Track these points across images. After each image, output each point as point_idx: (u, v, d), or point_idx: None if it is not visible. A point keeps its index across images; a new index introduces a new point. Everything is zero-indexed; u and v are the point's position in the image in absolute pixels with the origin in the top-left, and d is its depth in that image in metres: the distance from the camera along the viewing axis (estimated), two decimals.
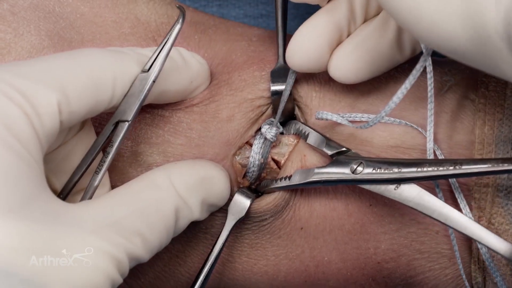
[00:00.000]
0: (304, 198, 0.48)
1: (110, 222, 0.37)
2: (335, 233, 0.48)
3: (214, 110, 0.47)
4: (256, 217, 0.48)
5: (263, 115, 0.49)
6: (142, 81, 0.41)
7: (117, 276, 0.37)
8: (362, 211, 0.47)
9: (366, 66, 0.44)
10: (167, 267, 0.49)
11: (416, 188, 0.42)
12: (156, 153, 0.47)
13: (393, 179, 0.42)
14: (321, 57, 0.44)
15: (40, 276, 0.33)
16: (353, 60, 0.44)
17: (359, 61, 0.44)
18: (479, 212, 0.46)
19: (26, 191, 0.34)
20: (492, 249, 0.39)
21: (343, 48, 0.45)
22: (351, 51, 0.44)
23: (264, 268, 0.49)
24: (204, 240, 0.48)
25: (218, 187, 0.45)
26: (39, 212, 0.34)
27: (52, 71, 0.38)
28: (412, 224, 0.47)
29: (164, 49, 0.42)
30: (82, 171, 0.42)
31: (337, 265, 0.48)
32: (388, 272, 0.48)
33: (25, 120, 0.35)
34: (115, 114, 0.42)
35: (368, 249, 0.48)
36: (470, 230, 0.40)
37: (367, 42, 0.44)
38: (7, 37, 0.45)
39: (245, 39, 0.51)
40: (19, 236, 0.33)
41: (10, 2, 0.46)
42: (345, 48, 0.44)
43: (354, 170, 0.44)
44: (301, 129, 0.48)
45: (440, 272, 0.48)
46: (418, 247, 0.48)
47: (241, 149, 0.49)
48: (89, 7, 0.48)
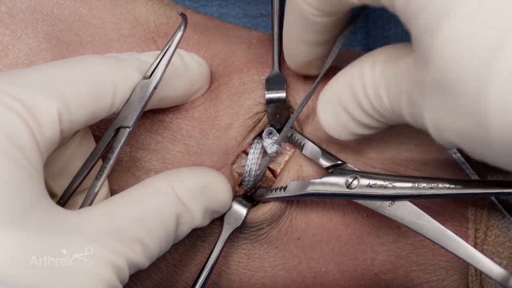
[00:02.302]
0: (301, 208, 0.48)
1: (110, 229, 0.37)
2: (332, 244, 0.48)
3: (213, 117, 0.47)
4: (253, 227, 0.48)
5: (260, 122, 0.48)
6: (143, 88, 0.41)
7: (117, 283, 0.37)
8: (359, 222, 0.47)
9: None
10: (165, 276, 0.49)
11: (410, 206, 0.42)
12: (155, 159, 0.47)
13: (387, 195, 0.43)
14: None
15: (40, 285, 0.34)
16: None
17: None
18: (476, 225, 0.47)
19: (26, 200, 0.34)
20: (484, 272, 0.39)
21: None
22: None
23: (262, 280, 0.49)
24: (202, 249, 0.48)
25: (220, 194, 0.45)
26: (39, 221, 0.34)
27: (52, 80, 0.38)
28: (409, 236, 0.47)
29: (166, 56, 0.42)
30: (83, 176, 0.42)
31: (335, 276, 0.48)
32: (386, 283, 0.48)
33: (25, 129, 0.35)
34: (116, 121, 0.41)
35: (365, 260, 0.48)
36: (463, 252, 0.41)
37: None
38: (5, 40, 0.45)
39: (246, 42, 0.51)
40: (19, 246, 0.33)
41: (8, 5, 0.45)
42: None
43: (349, 184, 0.44)
44: (297, 139, 0.48)
45: (438, 284, 0.48)
46: (415, 258, 0.48)
47: (238, 157, 0.48)
48: (87, 9, 0.47)
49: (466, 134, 0.31)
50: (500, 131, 0.29)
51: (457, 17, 0.29)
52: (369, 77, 0.39)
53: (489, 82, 0.28)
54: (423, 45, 0.31)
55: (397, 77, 0.36)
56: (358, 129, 0.41)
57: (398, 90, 0.36)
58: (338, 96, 0.41)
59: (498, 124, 0.28)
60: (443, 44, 0.30)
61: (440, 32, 0.30)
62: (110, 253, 0.36)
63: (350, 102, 0.40)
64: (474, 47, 0.28)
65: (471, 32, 0.29)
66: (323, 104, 0.43)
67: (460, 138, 0.32)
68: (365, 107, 0.39)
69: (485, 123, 0.29)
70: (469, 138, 0.31)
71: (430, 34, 0.30)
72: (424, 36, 0.31)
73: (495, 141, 0.29)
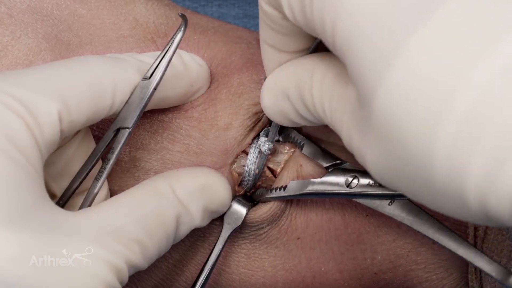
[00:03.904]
0: (301, 207, 0.48)
1: (109, 230, 0.37)
2: (331, 243, 0.48)
3: (213, 117, 0.47)
4: (253, 226, 0.48)
5: (259, 122, 0.48)
6: (143, 89, 0.41)
7: (116, 284, 0.37)
8: (358, 221, 0.47)
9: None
10: (165, 276, 0.49)
11: (409, 205, 0.43)
12: (154, 159, 0.47)
13: (387, 194, 0.43)
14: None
15: (40, 285, 0.34)
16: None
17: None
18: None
19: (26, 201, 0.34)
20: (484, 271, 0.39)
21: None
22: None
23: (262, 280, 0.49)
24: (202, 249, 0.48)
25: (219, 194, 0.45)
26: (39, 221, 0.34)
27: (52, 80, 0.38)
28: (408, 235, 0.48)
29: (166, 57, 0.42)
30: (82, 177, 0.42)
31: (334, 275, 0.48)
32: (385, 282, 0.49)
33: (25, 130, 0.35)
34: (116, 121, 0.41)
35: (365, 260, 0.48)
36: (462, 251, 0.41)
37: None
38: (4, 40, 0.45)
39: (245, 42, 0.51)
40: (19, 246, 0.33)
41: (8, 5, 0.45)
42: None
43: (349, 183, 0.44)
44: (297, 138, 0.48)
45: (438, 282, 0.48)
46: (415, 257, 0.48)
47: (237, 157, 0.49)
48: (87, 9, 0.47)
49: (410, 183, 0.30)
50: (444, 183, 0.28)
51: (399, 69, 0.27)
52: (317, 85, 0.37)
53: (438, 137, 0.27)
54: (363, 90, 0.30)
55: (342, 103, 0.35)
56: (299, 120, 0.40)
57: (340, 115, 0.35)
58: (284, 86, 0.40)
59: (442, 177, 0.28)
60: (386, 96, 0.28)
61: (381, 86, 0.28)
62: (110, 254, 0.36)
63: (295, 96, 0.39)
64: (423, 99, 0.27)
65: (416, 85, 0.27)
66: (268, 89, 0.42)
67: (403, 185, 0.31)
68: (308, 107, 0.38)
69: (431, 178, 0.28)
70: (413, 186, 0.30)
71: (373, 83, 0.29)
72: (366, 81, 0.29)
73: (440, 192, 0.28)
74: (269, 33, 0.39)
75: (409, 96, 0.27)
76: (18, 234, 0.33)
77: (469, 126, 0.26)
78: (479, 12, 0.26)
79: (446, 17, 0.27)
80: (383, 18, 0.28)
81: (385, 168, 0.31)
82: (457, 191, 0.27)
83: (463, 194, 0.27)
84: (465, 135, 0.26)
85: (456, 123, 0.26)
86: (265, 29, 0.39)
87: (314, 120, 0.39)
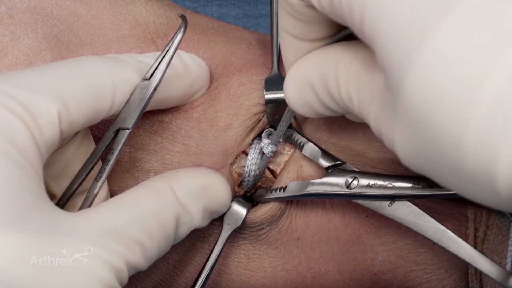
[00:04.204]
0: (300, 208, 0.48)
1: (109, 231, 0.37)
2: (331, 244, 0.48)
3: (213, 117, 0.47)
4: (253, 227, 0.48)
5: (259, 122, 0.48)
6: (143, 90, 0.41)
7: (116, 285, 0.37)
8: (358, 222, 0.47)
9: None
10: (165, 276, 0.49)
11: (409, 206, 0.43)
12: (154, 160, 0.47)
13: (387, 195, 0.43)
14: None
15: (40, 285, 0.34)
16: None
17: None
18: (476, 224, 0.47)
19: (26, 201, 0.34)
20: (484, 272, 0.39)
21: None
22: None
23: (262, 280, 0.49)
24: (201, 250, 0.48)
25: (219, 194, 0.45)
26: (38, 222, 0.34)
27: (51, 80, 0.38)
28: (408, 236, 0.48)
29: (166, 58, 0.42)
30: (82, 178, 0.42)
31: (334, 276, 0.48)
32: (385, 283, 0.49)
33: (25, 130, 0.35)
34: (116, 122, 0.41)
35: (365, 260, 0.48)
36: (462, 252, 0.41)
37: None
38: (4, 40, 0.45)
39: (245, 42, 0.51)
40: (19, 246, 0.33)
41: (8, 5, 0.45)
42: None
43: (349, 184, 0.44)
44: (297, 139, 0.48)
45: (438, 283, 0.48)
46: (415, 258, 0.48)
47: (237, 158, 0.49)
48: (87, 10, 0.47)
49: (439, 167, 0.30)
50: (474, 168, 0.28)
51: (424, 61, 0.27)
52: (343, 74, 0.37)
53: (468, 121, 0.27)
54: (392, 75, 0.30)
55: (370, 90, 0.35)
56: (323, 111, 0.40)
57: (368, 102, 0.35)
58: (308, 76, 0.39)
59: (473, 162, 0.27)
60: (416, 81, 0.28)
61: (411, 71, 0.28)
62: (110, 254, 0.36)
63: (320, 87, 0.38)
64: (454, 84, 0.27)
65: (447, 71, 0.27)
66: (291, 81, 0.41)
67: (432, 170, 0.31)
68: (334, 96, 0.38)
69: (461, 163, 0.28)
70: (442, 171, 0.30)
71: (402, 68, 0.29)
72: (395, 66, 0.29)
73: (469, 178, 0.28)
74: (289, 21, 0.38)
75: (439, 80, 0.27)
76: (18, 234, 0.33)
77: (499, 109, 0.26)
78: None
79: (476, 2, 0.27)
80: (413, 2, 0.28)
81: (414, 153, 0.31)
82: (487, 176, 0.27)
83: (493, 180, 0.27)
84: (495, 119, 0.26)
85: (486, 106, 0.26)
86: (285, 17, 0.38)
87: (339, 110, 0.39)
